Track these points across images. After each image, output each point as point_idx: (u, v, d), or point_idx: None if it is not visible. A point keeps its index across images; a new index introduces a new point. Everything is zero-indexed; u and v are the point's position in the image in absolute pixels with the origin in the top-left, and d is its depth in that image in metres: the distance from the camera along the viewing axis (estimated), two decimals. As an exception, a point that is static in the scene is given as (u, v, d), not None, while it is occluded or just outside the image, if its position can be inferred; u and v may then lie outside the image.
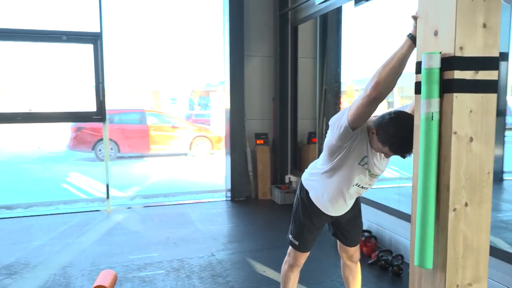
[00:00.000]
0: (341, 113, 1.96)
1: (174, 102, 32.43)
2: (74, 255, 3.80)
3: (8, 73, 13.99)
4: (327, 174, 2.09)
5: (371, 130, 1.89)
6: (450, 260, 1.41)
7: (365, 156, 1.96)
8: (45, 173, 9.10)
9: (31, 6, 10.33)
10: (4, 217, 5.10)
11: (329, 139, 2.01)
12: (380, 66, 1.65)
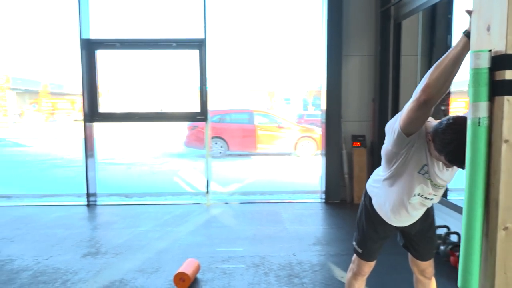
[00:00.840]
0: (395, 117, 1.84)
1: (288, 102, 32.99)
2: (170, 243, 4.19)
3: (128, 76, 15.87)
4: (388, 182, 1.98)
5: (427, 136, 1.74)
6: (500, 286, 1.24)
7: (425, 164, 1.80)
8: (163, 167, 10.12)
9: (146, 18, 11.55)
10: (122, 203, 5.84)
11: (385, 145, 1.90)
12: (433, 66, 1.51)
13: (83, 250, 3.99)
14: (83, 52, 5.60)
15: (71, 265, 3.61)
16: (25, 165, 11.09)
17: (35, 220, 5.01)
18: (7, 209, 5.64)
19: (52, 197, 6.23)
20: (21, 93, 44.20)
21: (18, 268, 3.56)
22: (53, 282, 3.27)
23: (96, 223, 5.10)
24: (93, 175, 5.86)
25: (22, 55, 49.53)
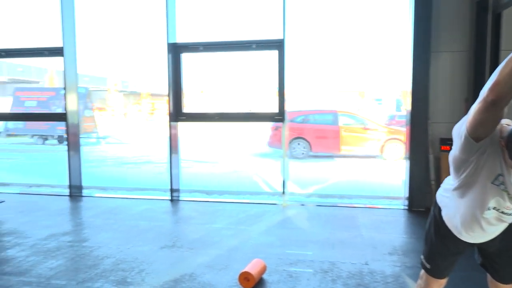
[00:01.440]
0: (462, 119, 1.61)
1: (380, 103, 31.65)
2: (241, 241, 4.25)
3: (210, 78, 16.49)
4: (458, 192, 1.75)
5: (501, 142, 1.49)
6: None
7: (499, 174, 1.55)
8: (245, 167, 10.34)
9: (227, 20, 11.84)
10: (202, 200, 6.08)
11: (453, 150, 1.68)
12: (504, 61, 1.30)
13: (161, 242, 4.22)
14: (170, 56, 5.93)
15: (148, 256, 3.84)
16: (122, 160, 12.13)
17: (124, 212, 5.43)
18: (103, 200, 6.21)
19: (141, 191, 6.70)
20: (126, 94, 48.58)
21: (103, 254, 3.88)
22: (130, 271, 3.50)
23: (176, 217, 5.38)
24: (176, 172, 6.18)
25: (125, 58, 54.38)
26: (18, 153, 14.56)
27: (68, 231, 4.63)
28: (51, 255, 3.86)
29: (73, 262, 3.69)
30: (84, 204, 5.97)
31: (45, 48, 6.40)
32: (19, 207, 5.69)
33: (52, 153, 14.41)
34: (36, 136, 16.88)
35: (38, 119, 15.32)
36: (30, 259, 3.75)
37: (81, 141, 6.71)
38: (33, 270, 3.50)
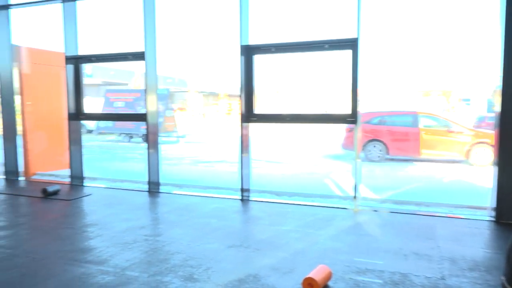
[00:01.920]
0: None
1: (468, 103, 29.44)
2: (308, 245, 4.17)
3: (283, 79, 16.40)
4: None
5: None
6: None
7: None
8: (317, 169, 10.18)
9: (299, 20, 11.67)
10: (272, 201, 6.08)
11: None
12: None
13: (230, 241, 4.29)
14: (242, 58, 6.03)
15: (216, 254, 3.92)
16: (199, 159, 12.61)
17: (197, 209, 5.63)
18: (178, 196, 6.49)
19: (213, 190, 6.90)
20: (206, 95, 50.58)
21: (174, 250, 4.04)
22: (198, 267, 3.61)
23: (245, 217, 5.44)
24: (247, 172, 6.26)
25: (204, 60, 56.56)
26: (107, 149, 15.83)
27: (145, 225, 4.90)
28: (127, 247, 4.11)
29: (146, 255, 3.89)
30: (160, 200, 6.29)
31: (129, 53, 6.86)
32: (103, 200, 6.16)
33: (135, 150, 15.45)
34: (123, 134, 18.22)
35: (123, 119, 16.53)
36: (109, 250, 4.02)
37: (160, 140, 7.08)
38: (111, 261, 3.75)
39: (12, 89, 7.89)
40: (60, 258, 3.81)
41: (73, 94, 7.30)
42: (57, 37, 7.24)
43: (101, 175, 8.44)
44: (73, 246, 4.18)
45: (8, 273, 3.47)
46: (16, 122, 8.02)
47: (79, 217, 5.42)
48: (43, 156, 8.32)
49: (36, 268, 3.59)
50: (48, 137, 8.39)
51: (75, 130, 7.44)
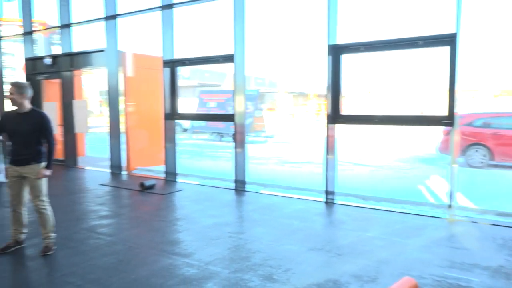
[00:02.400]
0: None
1: None
2: (394, 254, 3.95)
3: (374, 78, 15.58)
4: None
5: None
6: None
7: None
8: (409, 173, 9.59)
9: (389, 16, 10.96)
10: (358, 205, 5.88)
11: None
12: None
13: (311, 244, 4.24)
14: (330, 57, 5.91)
15: (296, 256, 3.91)
16: (285, 159, 12.66)
17: (280, 209, 5.66)
18: (262, 196, 6.60)
19: (298, 191, 6.88)
20: (295, 95, 50.71)
21: (256, 248, 4.11)
22: (278, 268, 3.62)
23: (328, 220, 5.34)
24: (332, 174, 6.13)
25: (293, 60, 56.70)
26: (199, 148, 16.68)
27: (229, 222, 5.06)
28: (212, 242, 4.28)
29: (229, 252, 4.01)
30: (246, 199, 6.45)
31: (219, 55, 7.14)
32: (193, 196, 6.50)
33: (225, 149, 16.04)
34: (214, 134, 19.04)
35: (213, 119, 17.20)
36: (195, 244, 4.23)
37: (247, 139, 7.25)
38: (196, 254, 3.94)
39: (118, 91, 8.70)
40: (152, 248, 4.11)
41: (169, 96, 7.82)
42: (156, 43, 7.82)
43: (192, 172, 8.90)
44: (163, 237, 4.47)
45: (107, 258, 3.82)
46: (120, 121, 8.83)
47: (170, 211, 5.79)
48: (143, 153, 9.04)
49: (131, 256, 3.91)
50: (147, 135, 9.09)
51: (170, 129, 7.96)
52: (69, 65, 9.34)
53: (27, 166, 3.86)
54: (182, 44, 7.80)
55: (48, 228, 4.00)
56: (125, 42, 8.88)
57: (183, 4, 7.52)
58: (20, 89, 3.82)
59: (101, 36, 8.66)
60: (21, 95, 3.83)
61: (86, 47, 9.40)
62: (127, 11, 8.33)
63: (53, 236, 4.04)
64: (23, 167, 3.86)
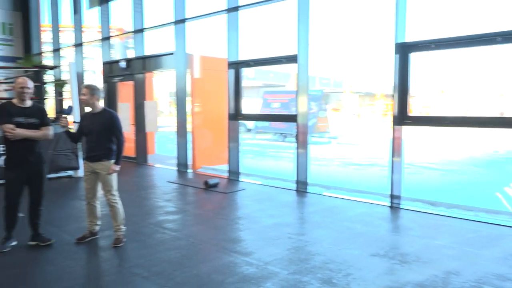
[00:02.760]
0: None
1: None
2: (464, 265, 3.70)
3: (446, 78, 14.56)
4: None
5: None
6: None
7: None
8: (486, 178, 8.91)
9: (462, 11, 10.19)
10: (425, 211, 5.57)
11: None
12: None
13: (373, 249, 4.10)
14: (397, 56, 5.68)
15: (357, 261, 3.80)
16: (349, 161, 12.37)
17: (341, 212, 5.54)
18: (324, 198, 6.50)
19: (361, 194, 6.69)
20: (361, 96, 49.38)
21: (316, 251, 4.06)
22: (337, 272, 3.55)
23: (393, 225, 5.13)
24: (398, 177, 5.89)
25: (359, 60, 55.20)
26: (262, 148, 16.83)
27: (290, 223, 5.06)
28: (272, 242, 4.30)
29: (288, 253, 4.00)
30: (307, 200, 6.40)
31: (282, 56, 7.15)
32: (255, 196, 6.58)
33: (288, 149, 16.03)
34: (277, 134, 19.11)
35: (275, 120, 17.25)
36: (255, 243, 4.27)
37: (310, 140, 7.19)
38: (256, 254, 3.98)
39: (185, 92, 9.06)
40: (213, 245, 4.22)
41: (233, 96, 7.98)
42: (221, 44, 8.02)
43: (255, 172, 9.01)
44: (225, 235, 4.58)
45: (171, 253, 3.99)
46: (187, 121, 9.17)
47: (232, 209, 5.91)
48: (208, 152, 9.33)
49: (194, 252, 4.06)
50: (212, 135, 9.36)
51: (234, 129, 8.13)
52: (141, 67, 9.90)
53: (99, 162, 4.16)
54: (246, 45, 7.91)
55: (119, 221, 4.27)
56: (192, 45, 9.20)
57: (248, 6, 7.64)
58: (92, 90, 4.14)
59: (170, 39, 9.07)
60: (93, 96, 4.14)
61: (157, 51, 9.90)
62: (195, 15, 8.64)
63: (123, 229, 4.30)
64: (96, 163, 4.16)
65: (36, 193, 4.13)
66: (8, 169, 3.94)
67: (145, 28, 9.89)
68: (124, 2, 10.95)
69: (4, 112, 3.86)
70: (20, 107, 3.95)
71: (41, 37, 14.31)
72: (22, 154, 3.94)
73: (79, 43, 12.01)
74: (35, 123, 4.00)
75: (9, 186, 3.96)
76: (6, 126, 3.78)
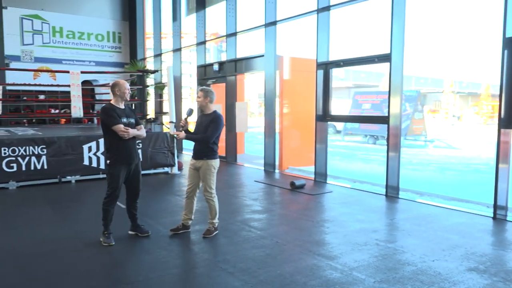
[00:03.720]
0: None
1: None
2: None
3: None
4: None
5: None
6: None
7: None
8: None
9: None
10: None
11: None
12: None
13: (470, 263, 3.76)
14: (506, 52, 5.14)
15: (452, 275, 3.51)
16: (447, 166, 11.47)
17: (436, 221, 5.17)
18: (417, 204, 6.12)
19: (459, 202, 6.18)
20: (464, 96, 45.52)
21: (406, 260, 3.84)
22: (430, 285, 3.31)
23: (496, 239, 4.64)
24: (504, 186, 5.32)
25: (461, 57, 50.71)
26: (351, 150, 16.40)
27: (378, 229, 4.85)
28: (358, 248, 4.17)
29: (375, 260, 3.84)
30: (398, 206, 6.08)
31: (375, 55, 6.89)
32: (342, 199, 6.43)
33: (378, 152, 15.38)
34: (368, 136, 18.45)
35: (365, 121, 16.66)
36: (341, 248, 4.18)
37: (402, 143, 6.83)
38: (341, 258, 3.89)
39: (274, 93, 9.18)
40: (297, 246, 4.22)
41: (321, 97, 7.89)
42: (309, 45, 7.98)
43: (343, 174, 8.82)
44: (310, 237, 4.54)
45: (256, 251, 4.08)
46: (276, 122, 9.29)
47: (318, 211, 5.84)
48: (295, 152, 9.35)
49: (278, 251, 4.09)
50: (299, 136, 9.37)
51: (321, 130, 8.03)
52: (233, 70, 10.27)
53: (200, 160, 4.44)
54: (336, 45, 7.75)
55: (213, 215, 4.54)
56: (281, 46, 9.30)
57: (340, 5, 7.50)
58: (206, 93, 4.43)
59: (259, 42, 9.27)
60: (206, 98, 4.42)
61: (247, 53, 10.20)
62: (285, 16, 8.72)
63: (216, 222, 4.55)
64: (198, 161, 4.47)
65: (135, 188, 4.50)
66: (115, 165, 4.27)
67: (237, 31, 10.24)
68: (219, 8, 11.46)
69: (115, 113, 4.21)
70: (121, 109, 4.31)
71: (145, 44, 15.61)
72: (129, 151, 4.31)
73: (177, 48, 12.85)
74: (133, 122, 4.39)
75: (115, 182, 4.26)
76: (120, 127, 4.16)
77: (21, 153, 7.14)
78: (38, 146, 7.31)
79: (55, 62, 14.50)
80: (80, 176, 7.70)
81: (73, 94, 8.38)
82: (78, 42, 15.17)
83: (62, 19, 14.83)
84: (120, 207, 4.71)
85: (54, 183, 7.45)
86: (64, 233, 4.67)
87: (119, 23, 15.91)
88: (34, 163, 7.27)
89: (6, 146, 7.04)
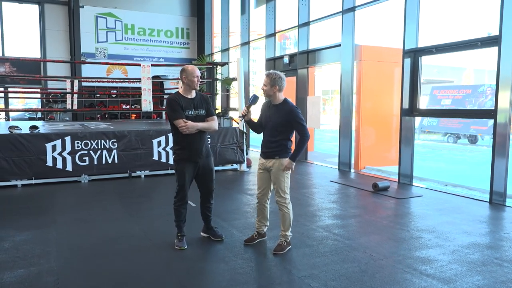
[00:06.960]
0: None
1: None
2: None
3: None
4: None
5: None
6: None
7: None
8: None
9: None
10: None
11: None
12: None
13: None
14: None
15: None
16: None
17: None
18: None
19: None
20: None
21: None
22: None
23: None
24: None
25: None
26: (430, 149, 15.05)
27: (493, 245, 4.00)
28: (476, 269, 3.38)
29: (500, 285, 3.05)
30: (507, 215, 5.13)
31: (478, 39, 5.91)
32: (436, 205, 5.58)
33: (463, 152, 13.93)
34: (448, 135, 16.90)
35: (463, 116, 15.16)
36: (453, 267, 3.42)
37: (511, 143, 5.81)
38: (457, 281, 3.14)
39: (351, 88, 8.40)
40: (398, 263, 3.52)
41: (408, 89, 7.02)
42: (392, 33, 7.13)
43: (427, 176, 7.86)
44: (410, 251, 3.82)
45: (348, 265, 3.44)
46: (352, 118, 8.52)
47: (411, 219, 5.05)
48: (373, 151, 8.53)
49: (375, 268, 3.42)
50: (377, 133, 8.53)
51: (407, 126, 7.15)
52: (305, 62, 9.63)
53: (272, 159, 3.78)
54: (425, 30, 6.82)
55: (285, 227, 3.82)
56: (358, 35, 8.46)
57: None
58: (272, 80, 3.71)
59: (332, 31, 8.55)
60: (274, 87, 3.72)
61: (318, 44, 9.50)
62: (366, 1, 7.92)
63: (289, 235, 3.84)
64: (268, 160, 3.80)
65: (207, 187, 4.03)
66: (180, 161, 3.84)
67: (310, 21, 9.59)
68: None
69: (178, 106, 3.73)
70: (188, 99, 3.82)
71: (213, 40, 15.45)
72: (194, 147, 3.82)
73: (245, 41, 12.45)
74: (203, 114, 3.88)
75: (181, 179, 3.84)
76: (179, 121, 3.68)
77: (93, 147, 7.09)
78: (110, 140, 7.22)
79: (127, 58, 14.78)
80: (149, 171, 7.53)
81: (144, 87, 8.22)
82: (148, 39, 15.36)
83: (134, 16, 15.08)
84: (191, 206, 4.29)
85: (124, 178, 7.33)
86: (133, 232, 4.35)
87: (188, 19, 15.90)
88: (106, 157, 7.19)
89: (80, 139, 7.01)
